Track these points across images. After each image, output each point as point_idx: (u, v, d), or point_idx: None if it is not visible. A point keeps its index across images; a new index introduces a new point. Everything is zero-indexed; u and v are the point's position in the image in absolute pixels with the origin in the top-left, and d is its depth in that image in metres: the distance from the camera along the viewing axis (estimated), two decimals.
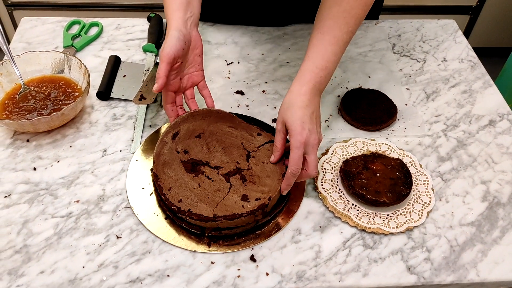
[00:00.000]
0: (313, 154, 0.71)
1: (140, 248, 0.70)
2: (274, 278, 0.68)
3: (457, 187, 0.80)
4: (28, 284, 0.65)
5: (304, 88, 0.72)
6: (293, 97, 0.72)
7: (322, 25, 0.75)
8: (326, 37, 0.74)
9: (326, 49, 0.74)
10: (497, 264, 0.71)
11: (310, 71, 0.73)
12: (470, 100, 0.96)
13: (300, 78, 0.74)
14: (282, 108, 0.73)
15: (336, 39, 0.74)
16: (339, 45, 0.75)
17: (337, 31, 0.74)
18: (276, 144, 0.75)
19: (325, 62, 0.74)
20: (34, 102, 0.85)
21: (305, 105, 0.71)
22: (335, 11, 0.75)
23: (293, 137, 0.70)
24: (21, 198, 0.75)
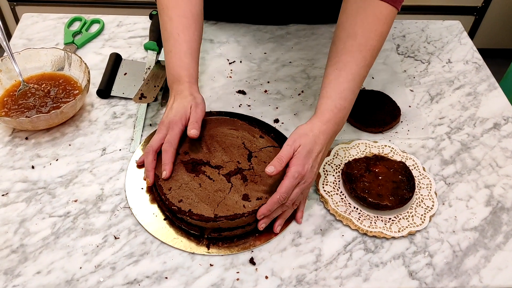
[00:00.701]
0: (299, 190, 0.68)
1: (138, 249, 0.69)
2: (273, 281, 0.67)
3: (461, 191, 0.79)
4: (24, 284, 0.65)
5: (324, 127, 0.71)
6: (313, 128, 0.70)
7: (338, 60, 0.73)
8: (343, 73, 0.72)
9: (344, 87, 0.72)
10: (500, 270, 0.70)
11: (330, 111, 0.72)
12: (475, 103, 0.95)
13: (320, 116, 0.71)
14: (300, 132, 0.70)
15: (353, 75, 0.72)
16: (356, 81, 0.73)
17: (354, 66, 0.72)
18: (282, 156, 0.68)
19: (343, 101, 0.72)
20: (34, 100, 0.84)
21: (320, 143, 0.70)
22: (350, 45, 0.73)
23: (294, 165, 0.67)
24: (18, 197, 0.74)
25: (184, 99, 0.76)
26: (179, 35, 0.80)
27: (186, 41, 0.80)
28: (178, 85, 0.78)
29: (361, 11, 0.73)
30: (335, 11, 1.03)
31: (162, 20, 0.82)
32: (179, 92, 0.77)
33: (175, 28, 0.80)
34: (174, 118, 0.74)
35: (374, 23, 0.73)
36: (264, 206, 0.68)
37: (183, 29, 0.80)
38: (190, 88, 0.77)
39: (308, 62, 1.00)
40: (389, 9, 0.73)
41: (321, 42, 1.05)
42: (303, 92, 0.94)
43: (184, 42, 0.79)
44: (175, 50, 0.79)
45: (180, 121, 0.74)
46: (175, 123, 0.74)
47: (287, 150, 0.68)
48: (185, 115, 0.75)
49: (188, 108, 0.75)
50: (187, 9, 0.81)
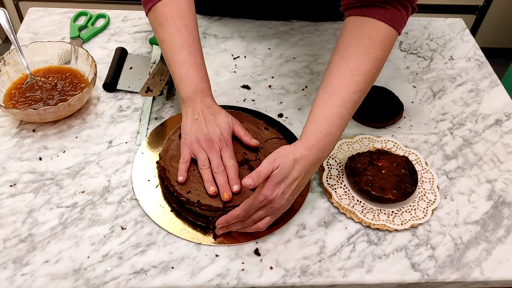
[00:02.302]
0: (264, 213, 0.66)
1: (144, 240, 0.70)
2: (278, 272, 0.68)
3: (463, 185, 0.80)
4: (32, 273, 0.66)
5: (307, 152, 0.66)
6: (295, 152, 0.66)
7: (329, 84, 0.70)
8: (332, 97, 0.69)
9: (332, 112, 0.68)
10: (501, 263, 0.71)
11: (314, 136, 0.68)
12: (477, 99, 0.96)
13: (304, 141, 0.68)
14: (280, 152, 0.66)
15: (343, 100, 0.69)
16: (346, 107, 0.69)
17: (344, 91, 0.69)
18: (260, 171, 0.63)
19: (329, 127, 0.68)
20: (41, 93, 0.85)
21: (299, 169, 0.66)
22: (343, 68, 0.70)
23: (264, 188, 0.64)
24: (26, 188, 0.75)
25: (221, 113, 0.76)
26: (191, 47, 0.77)
27: (199, 53, 0.78)
28: (204, 97, 0.76)
29: (356, 32, 0.71)
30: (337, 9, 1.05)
31: (168, 32, 0.77)
32: (207, 105, 0.76)
33: (186, 39, 0.77)
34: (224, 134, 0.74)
35: (368, 46, 0.70)
36: (223, 216, 0.67)
37: (193, 40, 0.78)
38: (216, 103, 0.77)
39: (312, 57, 1.01)
40: (387, 31, 0.70)
41: (324, 38, 1.06)
42: (306, 87, 0.95)
43: (198, 54, 0.78)
44: (191, 62, 0.76)
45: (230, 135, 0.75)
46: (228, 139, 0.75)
47: (266, 168, 0.63)
48: (231, 129, 0.76)
49: (231, 122, 0.76)
50: (193, 20, 0.79)
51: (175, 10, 0.78)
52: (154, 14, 0.79)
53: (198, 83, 0.76)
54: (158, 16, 0.78)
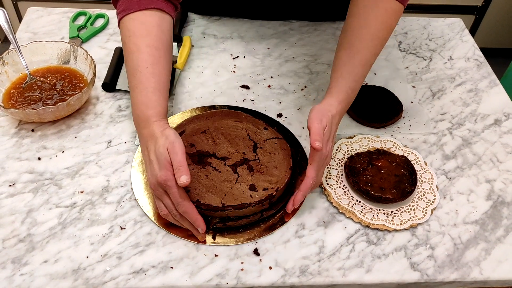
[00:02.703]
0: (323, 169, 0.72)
1: (144, 240, 0.70)
2: (277, 272, 0.68)
3: (462, 185, 0.80)
4: (31, 272, 0.65)
5: (340, 107, 0.73)
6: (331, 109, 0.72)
7: (351, 46, 0.76)
8: (356, 57, 0.75)
9: (356, 71, 0.75)
10: (500, 263, 0.71)
11: (344, 92, 0.74)
12: (476, 99, 0.96)
13: (337, 96, 0.74)
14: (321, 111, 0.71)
15: (365, 61, 0.76)
16: (366, 68, 0.76)
17: (367, 52, 0.76)
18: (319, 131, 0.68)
19: (355, 84, 0.75)
20: (40, 92, 0.85)
21: (336, 123, 0.73)
22: (364, 33, 0.76)
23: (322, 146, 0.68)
24: (25, 188, 0.75)
25: (157, 145, 0.66)
26: (147, 69, 0.71)
27: (155, 74, 0.72)
28: (147, 127, 0.69)
29: (373, 4, 0.77)
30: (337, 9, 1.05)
31: (128, 49, 0.73)
32: (149, 136, 0.68)
33: (144, 61, 0.72)
34: (161, 177, 0.64)
35: (385, 16, 0.77)
36: (299, 193, 0.70)
37: (153, 62, 0.72)
38: (159, 128, 0.68)
39: (311, 57, 1.01)
40: (398, 6, 0.78)
41: (323, 38, 1.06)
42: (306, 87, 0.95)
43: (152, 77, 0.71)
44: (141, 87, 0.71)
45: (168, 174, 0.64)
46: (166, 181, 0.64)
47: (319, 128, 0.69)
48: (169, 163, 0.65)
49: (167, 153, 0.65)
50: (158, 38, 0.74)
51: (140, 27, 0.73)
52: (121, 28, 0.76)
53: (142, 113, 0.70)
54: (123, 31, 0.75)
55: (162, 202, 0.67)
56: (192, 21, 1.08)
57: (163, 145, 0.66)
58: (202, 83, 0.94)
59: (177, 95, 0.91)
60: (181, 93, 0.92)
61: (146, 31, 0.74)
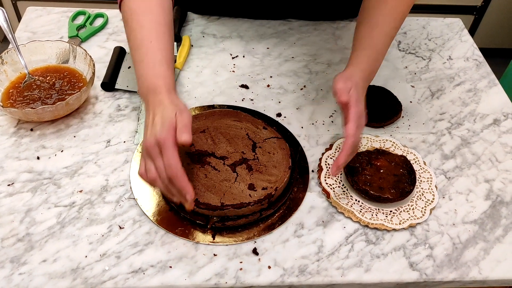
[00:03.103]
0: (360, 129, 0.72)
1: (142, 239, 0.70)
2: (276, 271, 0.68)
3: (461, 185, 0.80)
4: (30, 272, 0.65)
5: (362, 74, 0.74)
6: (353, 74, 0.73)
7: (370, 19, 0.78)
8: (375, 30, 0.77)
9: (377, 42, 0.77)
10: (499, 263, 0.71)
11: (366, 62, 0.75)
12: (475, 99, 0.96)
13: (358, 65, 0.75)
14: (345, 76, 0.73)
15: (384, 33, 0.77)
16: (387, 40, 0.78)
17: (386, 26, 0.77)
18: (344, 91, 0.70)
19: (376, 54, 0.76)
20: (39, 92, 0.85)
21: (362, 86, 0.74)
22: (382, 8, 0.78)
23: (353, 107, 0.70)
24: (24, 187, 0.75)
25: (165, 110, 0.65)
26: (152, 43, 0.72)
27: (160, 49, 0.72)
28: (155, 96, 0.68)
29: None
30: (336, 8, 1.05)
31: (131, 27, 0.74)
32: (157, 103, 0.67)
33: (147, 36, 0.72)
34: (161, 135, 0.63)
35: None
36: (342, 154, 0.70)
37: (157, 36, 0.73)
38: (169, 97, 0.67)
39: (311, 57, 1.01)
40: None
41: (323, 38, 1.06)
42: (305, 87, 0.95)
43: (158, 50, 0.72)
44: (148, 60, 0.71)
45: (170, 135, 0.63)
46: (166, 140, 0.62)
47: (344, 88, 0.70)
48: (173, 126, 0.64)
49: (173, 117, 0.64)
50: (160, 15, 0.75)
51: (141, 5, 0.74)
52: (122, 10, 0.78)
53: (151, 83, 0.69)
54: (124, 12, 0.76)
55: (154, 163, 0.64)
56: (192, 20, 1.08)
57: (172, 110, 0.65)
58: (201, 82, 0.94)
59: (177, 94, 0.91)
60: (180, 92, 0.92)
61: (148, 9, 0.74)
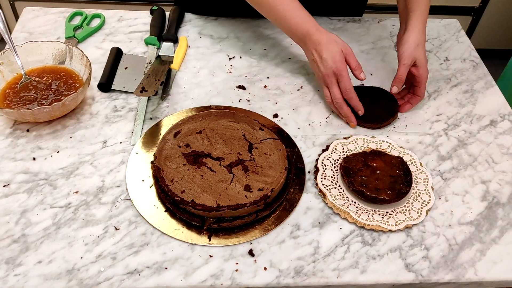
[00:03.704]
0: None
1: (138, 240, 0.70)
2: (272, 272, 0.68)
3: (457, 186, 0.80)
4: (25, 273, 0.65)
5: (423, 27, 0.87)
6: (419, 36, 0.86)
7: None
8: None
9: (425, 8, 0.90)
10: (495, 264, 0.71)
11: (426, 12, 0.88)
12: (472, 100, 0.96)
13: (419, 18, 0.87)
14: (411, 46, 0.86)
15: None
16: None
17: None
18: (402, 77, 0.87)
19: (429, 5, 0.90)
20: (35, 92, 0.85)
21: (425, 43, 0.88)
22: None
23: (424, 71, 0.87)
24: (20, 188, 0.75)
25: (329, 46, 0.84)
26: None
27: (291, 0, 0.87)
28: (311, 38, 0.85)
29: None
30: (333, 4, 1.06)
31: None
32: (316, 43, 0.85)
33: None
34: (335, 65, 0.83)
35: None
36: (409, 106, 0.91)
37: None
38: (322, 34, 0.85)
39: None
40: None
41: None
42: (302, 87, 0.95)
43: (290, 2, 0.86)
44: (288, 14, 0.86)
45: (343, 66, 0.84)
46: (341, 70, 0.84)
47: (406, 69, 0.86)
48: (343, 57, 0.84)
49: (340, 51, 0.84)
50: None
51: None
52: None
53: (302, 30, 0.86)
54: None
55: (330, 90, 0.87)
56: (189, 21, 1.08)
57: (335, 46, 0.84)
58: (198, 83, 0.94)
59: (173, 95, 0.91)
60: (177, 93, 0.92)
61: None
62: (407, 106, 0.90)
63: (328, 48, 0.84)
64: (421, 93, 0.89)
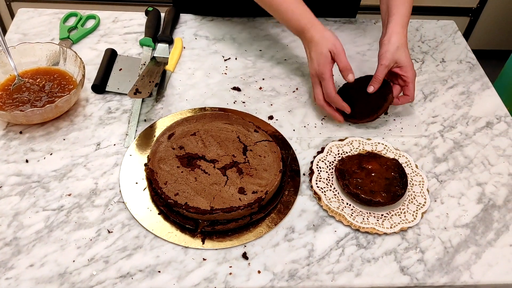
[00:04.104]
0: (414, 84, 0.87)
1: (131, 243, 0.69)
2: (266, 276, 0.67)
3: (453, 188, 0.80)
4: (17, 277, 0.65)
5: (404, 30, 0.86)
6: (399, 38, 0.85)
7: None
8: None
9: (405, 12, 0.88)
10: (491, 267, 0.70)
11: (406, 16, 0.87)
12: (468, 102, 0.95)
13: (399, 22, 0.86)
14: (391, 48, 0.84)
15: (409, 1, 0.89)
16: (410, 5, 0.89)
17: None
18: (379, 76, 0.84)
19: (410, 9, 0.88)
20: (28, 94, 0.84)
21: (407, 45, 0.86)
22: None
23: (409, 71, 0.85)
24: (12, 190, 0.74)
25: (317, 46, 0.83)
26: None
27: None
28: (305, 35, 0.85)
29: None
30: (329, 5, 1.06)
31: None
32: (309, 40, 0.85)
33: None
34: (318, 68, 0.83)
35: None
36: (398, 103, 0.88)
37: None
38: (316, 31, 0.84)
39: (303, 59, 1.00)
40: None
41: None
42: (297, 89, 0.94)
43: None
44: (285, 7, 0.86)
45: (326, 69, 0.82)
46: (323, 73, 0.83)
47: (384, 70, 0.84)
48: (328, 60, 0.83)
49: (327, 53, 0.82)
50: None
51: None
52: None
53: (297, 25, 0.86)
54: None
55: (313, 90, 0.87)
56: (184, 22, 1.07)
57: (324, 46, 0.83)
58: (193, 85, 0.94)
59: (168, 96, 0.91)
60: (171, 94, 0.91)
61: None
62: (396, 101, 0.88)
63: (317, 48, 0.83)
64: (409, 93, 0.86)
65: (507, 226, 0.75)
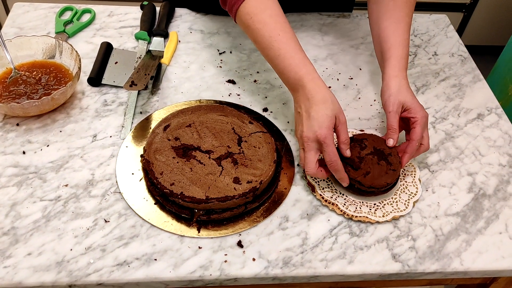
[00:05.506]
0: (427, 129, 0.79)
1: (128, 232, 0.70)
2: (260, 263, 0.68)
3: (444, 178, 0.81)
4: (15, 265, 0.66)
5: (404, 73, 0.80)
6: (398, 81, 0.79)
7: (392, 15, 0.84)
8: (401, 25, 0.83)
9: (405, 37, 0.83)
10: (480, 254, 0.72)
11: (403, 58, 0.81)
12: (459, 94, 0.97)
13: (396, 65, 0.80)
14: (393, 92, 0.78)
15: (407, 26, 0.84)
16: (409, 32, 0.84)
17: (408, 18, 0.84)
18: (393, 126, 0.76)
19: (407, 50, 0.82)
20: (25, 87, 0.85)
21: (409, 87, 0.80)
22: (400, 2, 0.84)
23: (418, 113, 0.76)
24: (9, 181, 0.75)
25: (321, 106, 0.72)
26: (280, 35, 0.76)
27: (289, 38, 0.76)
28: (304, 88, 0.74)
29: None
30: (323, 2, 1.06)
31: (254, 29, 0.78)
32: (308, 96, 0.73)
33: (274, 30, 0.76)
34: (320, 131, 0.70)
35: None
36: (406, 156, 0.76)
37: (282, 28, 0.77)
38: (318, 88, 0.73)
39: None
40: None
41: (310, 34, 1.06)
42: None
43: (288, 40, 0.76)
44: (283, 52, 0.75)
45: (329, 133, 0.71)
46: (325, 138, 0.70)
47: (396, 117, 0.77)
48: (333, 124, 0.72)
49: (332, 117, 0.71)
50: (276, 7, 0.78)
51: (257, 5, 0.78)
52: (239, 19, 0.81)
53: (295, 75, 0.75)
54: (243, 18, 0.79)
55: (305, 155, 0.73)
56: (179, 16, 1.08)
57: (329, 109, 0.72)
58: (188, 78, 0.95)
59: (163, 89, 0.91)
60: (167, 87, 0.92)
61: (264, 6, 0.78)
62: (405, 157, 0.76)
63: (320, 108, 0.71)
64: (415, 136, 0.75)
65: (496, 214, 0.77)
